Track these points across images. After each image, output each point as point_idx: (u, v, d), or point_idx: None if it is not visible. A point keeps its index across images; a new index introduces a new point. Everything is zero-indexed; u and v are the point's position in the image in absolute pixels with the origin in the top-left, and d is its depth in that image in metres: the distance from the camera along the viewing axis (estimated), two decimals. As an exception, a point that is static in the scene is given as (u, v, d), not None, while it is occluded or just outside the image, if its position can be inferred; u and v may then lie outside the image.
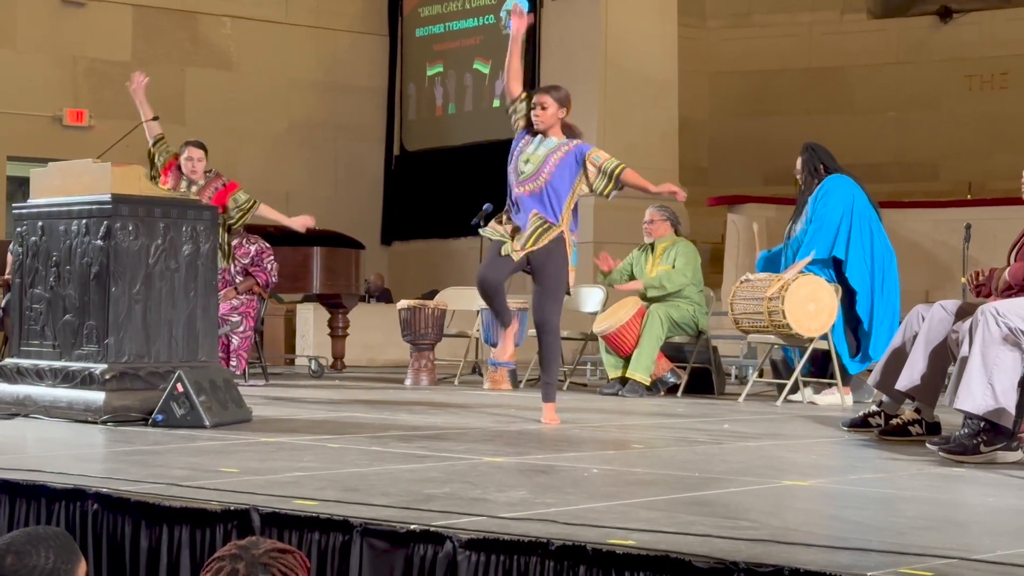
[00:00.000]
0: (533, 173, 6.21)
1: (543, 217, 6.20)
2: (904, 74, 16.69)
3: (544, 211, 6.21)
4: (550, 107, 6.24)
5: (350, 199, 16.17)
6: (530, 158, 6.25)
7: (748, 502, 3.80)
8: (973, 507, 3.97)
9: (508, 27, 6.59)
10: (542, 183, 6.19)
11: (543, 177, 6.19)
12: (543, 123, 6.24)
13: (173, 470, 4.34)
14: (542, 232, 6.18)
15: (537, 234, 6.18)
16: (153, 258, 6.11)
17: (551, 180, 6.18)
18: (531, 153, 6.27)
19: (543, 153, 6.23)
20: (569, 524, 3.32)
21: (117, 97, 14.80)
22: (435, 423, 6.30)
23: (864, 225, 8.22)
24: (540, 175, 6.20)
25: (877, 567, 2.80)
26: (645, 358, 8.51)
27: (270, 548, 2.33)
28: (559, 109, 6.26)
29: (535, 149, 6.27)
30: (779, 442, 5.74)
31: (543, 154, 6.23)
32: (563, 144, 6.27)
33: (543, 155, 6.23)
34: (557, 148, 6.25)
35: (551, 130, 6.28)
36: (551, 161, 6.20)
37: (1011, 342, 4.83)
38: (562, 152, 6.23)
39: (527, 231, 6.19)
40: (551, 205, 6.20)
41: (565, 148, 6.25)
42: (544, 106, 6.24)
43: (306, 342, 12.38)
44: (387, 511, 3.52)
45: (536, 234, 6.18)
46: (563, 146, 6.26)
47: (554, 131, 6.29)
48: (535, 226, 6.19)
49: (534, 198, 6.21)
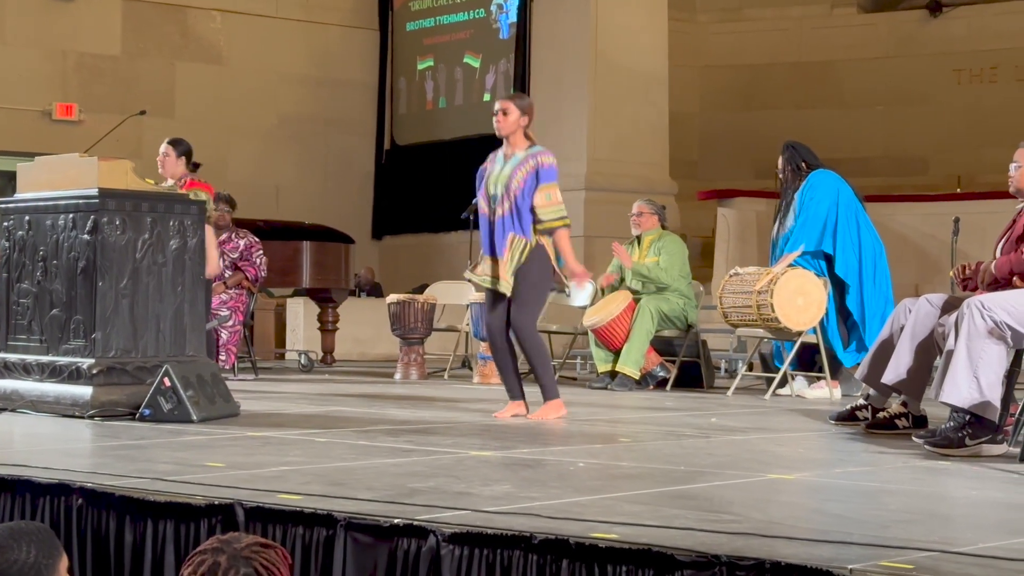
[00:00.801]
0: (503, 193, 6.22)
1: (518, 236, 6.20)
2: (894, 68, 16.71)
3: (517, 229, 6.20)
4: (511, 113, 6.26)
5: (340, 193, 16.16)
6: (497, 179, 6.26)
7: (732, 495, 3.81)
8: (956, 500, 3.98)
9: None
10: (512, 201, 6.20)
11: (512, 194, 6.20)
12: (503, 129, 6.26)
13: (159, 464, 4.33)
14: (521, 252, 6.19)
15: (519, 257, 6.19)
16: (140, 252, 6.10)
17: (518, 198, 6.19)
18: (497, 174, 6.28)
19: (508, 171, 6.24)
20: (553, 518, 3.32)
21: (107, 91, 14.81)
22: (423, 417, 6.31)
23: (851, 218, 8.24)
24: (509, 194, 6.20)
25: (858, 560, 2.80)
26: (635, 352, 8.52)
27: (252, 543, 2.33)
28: (520, 116, 6.27)
29: (500, 169, 6.28)
30: (766, 436, 5.75)
31: (508, 172, 6.24)
32: (528, 158, 6.24)
33: (508, 173, 6.24)
34: (522, 163, 6.24)
35: (513, 137, 6.28)
36: (516, 177, 6.21)
37: (996, 336, 4.85)
38: (526, 169, 6.22)
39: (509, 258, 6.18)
40: (520, 221, 6.20)
41: (529, 164, 6.23)
42: (506, 112, 6.27)
43: (296, 336, 12.37)
44: (371, 505, 3.52)
45: (518, 257, 6.18)
46: (527, 161, 6.24)
47: (516, 139, 6.28)
48: (518, 251, 6.18)
49: (508, 219, 6.20)
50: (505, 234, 6.22)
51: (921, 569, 2.73)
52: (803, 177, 8.37)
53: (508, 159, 6.29)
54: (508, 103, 6.31)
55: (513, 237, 6.21)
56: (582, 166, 13.86)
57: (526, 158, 6.24)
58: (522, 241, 6.21)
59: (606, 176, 13.97)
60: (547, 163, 6.24)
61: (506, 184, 6.21)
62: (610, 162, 14.09)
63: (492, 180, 6.29)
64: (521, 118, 6.26)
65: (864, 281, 8.19)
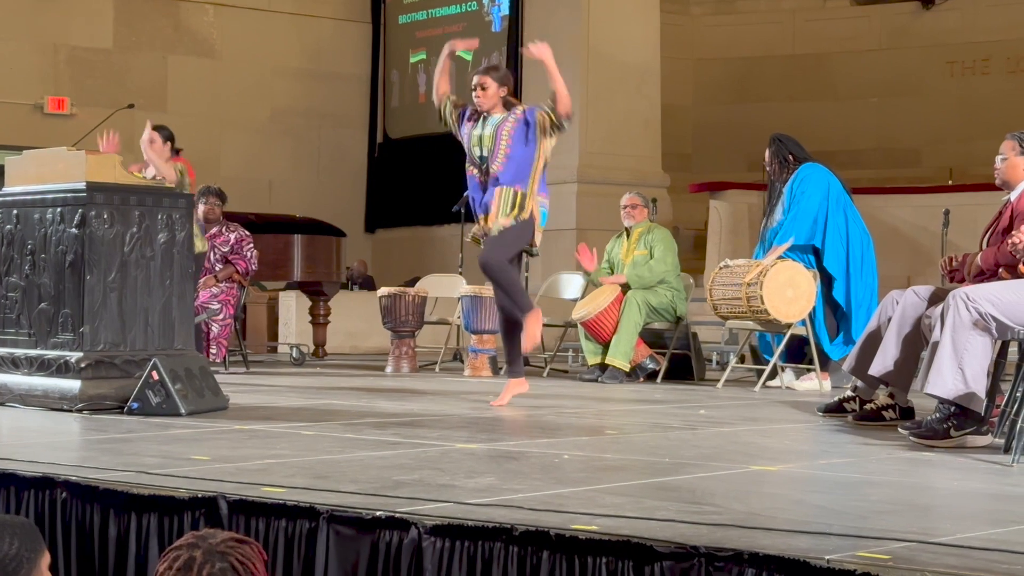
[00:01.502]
0: (490, 152, 6.25)
1: (511, 187, 6.23)
2: (886, 60, 16.71)
3: (512, 181, 6.23)
4: (490, 87, 6.30)
5: (333, 187, 16.15)
6: (481, 138, 6.30)
7: (715, 487, 3.82)
8: (938, 491, 4.00)
9: None
10: (503, 159, 6.22)
11: (501, 152, 6.24)
12: (485, 104, 6.29)
13: (144, 458, 4.34)
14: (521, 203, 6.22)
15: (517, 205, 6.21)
16: (128, 246, 6.10)
17: (510, 152, 6.23)
18: (479, 134, 6.32)
19: (491, 131, 6.29)
20: (534, 510, 3.34)
21: (99, 85, 14.79)
22: (411, 410, 6.31)
23: (839, 212, 8.24)
24: (497, 153, 6.24)
25: (836, 551, 2.81)
26: (624, 344, 8.53)
27: (227, 538, 2.33)
28: (499, 88, 6.31)
29: (482, 129, 6.32)
30: (753, 427, 5.76)
31: (491, 132, 6.28)
32: (510, 114, 6.30)
33: (491, 132, 6.28)
34: (504, 120, 6.29)
35: (494, 109, 6.32)
36: (503, 134, 6.26)
37: (981, 327, 4.86)
38: (511, 121, 6.28)
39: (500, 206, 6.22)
40: (517, 173, 6.23)
41: (513, 117, 6.29)
42: (484, 86, 6.30)
43: (289, 330, 12.37)
44: (354, 498, 3.53)
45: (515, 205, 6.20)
46: (510, 116, 6.30)
47: (496, 109, 6.33)
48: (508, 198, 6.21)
49: (499, 177, 6.24)
50: (492, 188, 6.28)
51: (898, 559, 2.74)
52: (791, 170, 8.37)
53: (488, 120, 6.31)
54: (485, 77, 6.33)
55: (500, 191, 6.26)
56: (574, 159, 13.86)
57: (506, 116, 6.30)
58: (511, 191, 6.24)
59: (598, 169, 13.98)
60: (529, 106, 6.35)
61: (492, 144, 6.24)
62: (602, 155, 14.09)
63: (475, 142, 6.31)
64: (500, 89, 6.32)
65: (852, 274, 8.20)
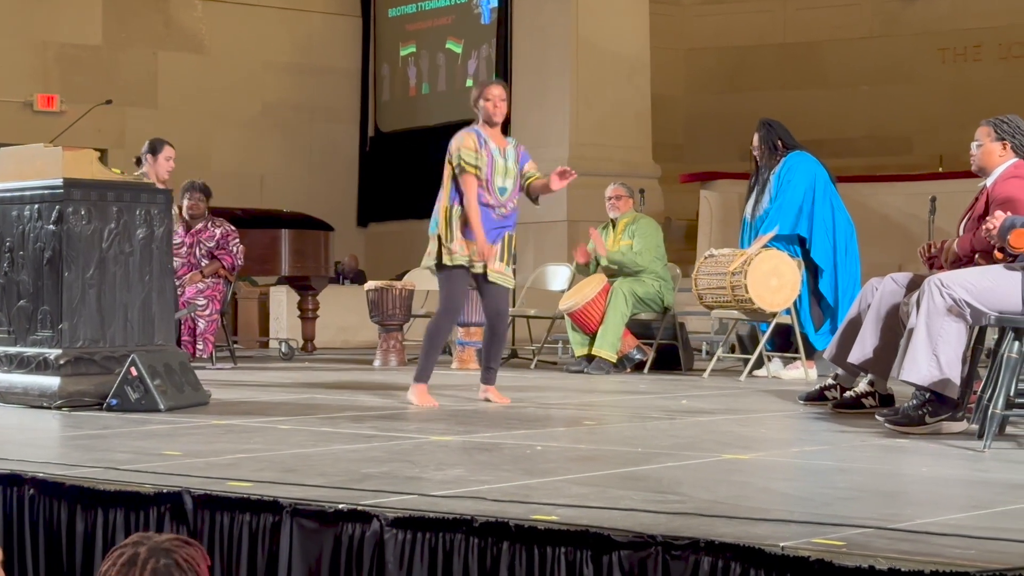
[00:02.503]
0: (512, 189, 6.20)
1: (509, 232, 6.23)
2: (878, 48, 16.68)
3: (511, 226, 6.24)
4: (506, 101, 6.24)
5: (325, 181, 16.15)
6: (505, 173, 6.18)
7: (682, 476, 3.82)
8: (907, 477, 3.99)
9: None
10: (513, 198, 6.22)
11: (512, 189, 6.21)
12: (500, 116, 6.20)
13: (116, 454, 4.34)
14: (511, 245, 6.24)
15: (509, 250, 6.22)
16: (107, 242, 6.09)
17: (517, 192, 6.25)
18: (504, 168, 6.19)
19: (513, 167, 6.21)
20: (497, 501, 3.33)
21: (88, 81, 14.78)
22: (392, 404, 6.31)
23: (825, 201, 8.23)
24: (515, 193, 6.22)
25: (792, 537, 2.81)
26: (610, 335, 8.52)
27: (172, 538, 2.33)
28: None
29: (504, 163, 6.19)
30: (733, 416, 5.75)
31: (513, 168, 6.21)
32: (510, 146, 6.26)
33: (514, 169, 6.21)
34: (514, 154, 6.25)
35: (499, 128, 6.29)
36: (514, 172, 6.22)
37: (955, 313, 4.85)
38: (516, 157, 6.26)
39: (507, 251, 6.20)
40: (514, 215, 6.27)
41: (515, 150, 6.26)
42: (504, 99, 6.22)
43: (280, 325, 12.37)
44: (319, 491, 3.53)
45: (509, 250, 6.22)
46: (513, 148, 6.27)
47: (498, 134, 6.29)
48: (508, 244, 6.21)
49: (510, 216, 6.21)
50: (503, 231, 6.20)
51: (852, 546, 2.74)
52: (779, 157, 8.35)
53: (503, 152, 6.22)
54: (504, 91, 6.27)
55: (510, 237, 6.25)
56: (564, 151, 13.84)
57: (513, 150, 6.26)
58: (510, 236, 6.26)
59: (589, 160, 13.95)
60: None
61: (514, 180, 6.21)
62: (593, 146, 14.08)
63: (499, 173, 6.17)
64: None
65: (838, 264, 8.19)
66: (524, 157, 6.29)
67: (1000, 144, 5.46)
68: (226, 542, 3.46)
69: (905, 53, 16.46)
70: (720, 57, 17.30)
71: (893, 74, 16.53)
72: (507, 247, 6.21)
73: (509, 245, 6.23)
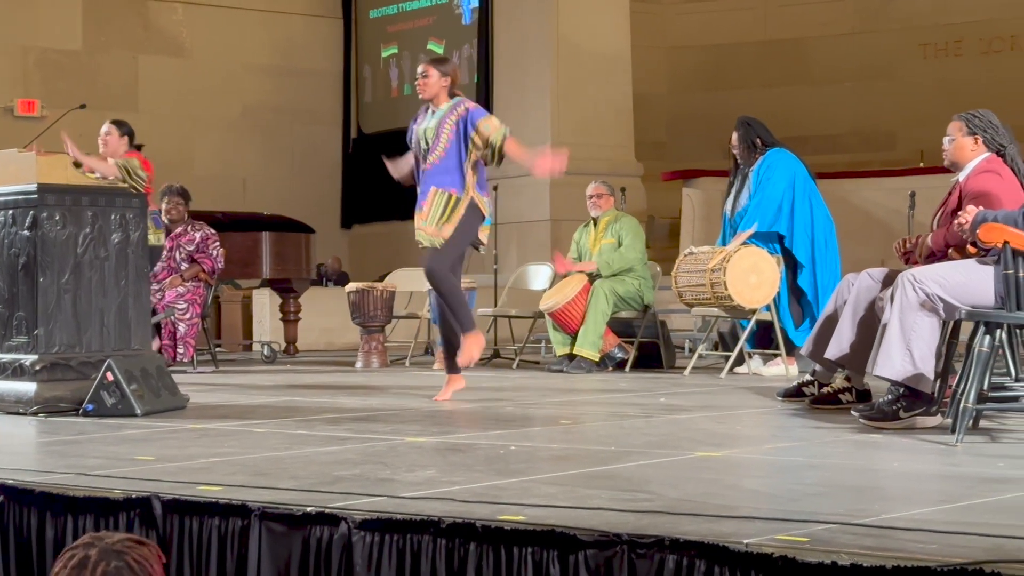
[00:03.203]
0: (432, 145, 6.36)
1: (445, 191, 6.28)
2: (860, 44, 16.70)
3: (448, 182, 6.30)
4: (432, 75, 6.40)
5: (308, 183, 16.12)
6: (425, 131, 6.41)
7: (652, 474, 3.82)
8: (877, 472, 3.99)
9: None
10: (441, 153, 6.32)
11: (440, 146, 6.33)
12: (425, 92, 6.40)
13: (88, 460, 4.32)
14: (452, 208, 6.26)
15: (448, 211, 6.25)
16: (82, 247, 6.08)
17: (448, 148, 6.31)
18: (425, 127, 6.43)
19: (434, 124, 6.39)
20: (466, 502, 3.33)
21: (69, 87, 14.73)
22: (371, 405, 6.30)
23: (805, 198, 8.24)
24: (437, 146, 6.34)
25: (757, 534, 2.81)
26: (592, 334, 8.52)
27: (124, 538, 2.31)
28: (441, 78, 6.40)
29: (427, 122, 6.43)
30: (710, 414, 5.76)
31: (435, 124, 6.38)
32: (453, 109, 6.37)
33: (435, 125, 6.38)
34: (447, 114, 6.37)
35: (437, 99, 6.41)
36: (444, 129, 6.35)
37: (929, 308, 4.85)
38: (453, 118, 6.36)
39: (431, 211, 6.27)
40: (453, 172, 6.30)
41: (455, 115, 6.37)
42: (426, 75, 6.42)
43: (263, 328, 12.33)
44: (289, 494, 3.52)
45: (447, 212, 6.25)
46: (453, 111, 6.37)
47: (441, 100, 6.42)
48: (441, 204, 6.26)
49: (437, 170, 6.34)
50: (429, 184, 6.34)
51: (816, 542, 2.74)
52: (759, 155, 8.36)
53: (434, 113, 6.42)
54: (428, 67, 6.47)
55: (435, 191, 6.32)
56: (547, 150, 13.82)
57: (451, 109, 6.37)
58: (445, 195, 6.29)
59: (571, 160, 13.68)
60: (472, 106, 6.44)
61: (435, 134, 6.34)
62: (575, 145, 13.95)
63: (421, 133, 6.43)
64: (442, 79, 6.41)
65: (817, 260, 8.19)
66: (474, 114, 6.36)
67: (972, 139, 5.46)
68: (195, 547, 3.45)
69: (887, 49, 16.48)
70: (702, 55, 17.31)
71: (875, 70, 16.56)
72: (439, 205, 6.28)
73: (444, 204, 6.29)
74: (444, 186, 6.31)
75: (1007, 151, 5.48)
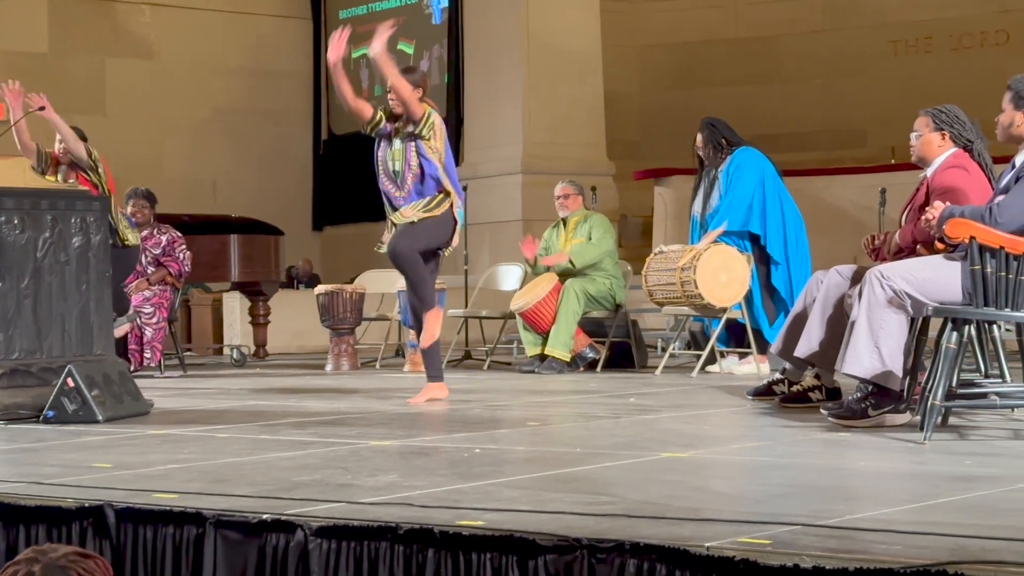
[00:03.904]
0: (403, 169, 6.28)
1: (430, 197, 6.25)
2: (830, 41, 16.71)
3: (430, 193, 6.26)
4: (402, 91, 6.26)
5: (279, 185, 16.03)
6: (394, 155, 6.31)
7: (617, 476, 3.76)
8: (844, 472, 3.95)
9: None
10: (416, 173, 6.23)
11: (412, 169, 6.24)
12: (399, 107, 6.27)
13: (45, 468, 4.24)
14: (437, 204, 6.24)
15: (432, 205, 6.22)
16: (41, 251, 5.98)
17: (422, 167, 6.24)
18: (393, 150, 6.32)
19: (399, 146, 6.30)
20: (425, 507, 3.27)
21: (35, 90, 14.55)
22: (338, 408, 6.22)
23: (775, 196, 8.22)
24: (409, 170, 6.26)
25: (718, 537, 2.76)
26: (563, 334, 8.46)
27: (69, 552, 2.24)
28: (414, 90, 6.27)
29: (393, 145, 6.32)
30: (678, 414, 5.71)
31: (400, 147, 6.29)
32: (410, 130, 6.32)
33: (401, 148, 6.29)
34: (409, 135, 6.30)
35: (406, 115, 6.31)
36: (410, 150, 6.25)
37: (896, 305, 4.82)
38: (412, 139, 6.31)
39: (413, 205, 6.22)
40: (433, 183, 6.25)
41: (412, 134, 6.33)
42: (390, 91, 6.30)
43: (233, 331, 12.24)
44: (245, 501, 3.45)
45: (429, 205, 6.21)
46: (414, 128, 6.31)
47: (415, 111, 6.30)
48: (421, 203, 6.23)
49: (416, 189, 6.28)
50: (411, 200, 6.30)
51: (778, 544, 2.69)
52: (725, 155, 8.33)
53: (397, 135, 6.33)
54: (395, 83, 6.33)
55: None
56: (518, 149, 13.79)
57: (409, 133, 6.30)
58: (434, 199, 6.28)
59: (543, 159, 13.90)
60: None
61: (403, 161, 6.27)
62: (546, 144, 14.02)
63: (390, 157, 6.34)
64: (415, 91, 6.29)
65: (789, 257, 8.17)
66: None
67: (939, 134, 5.44)
68: (149, 556, 3.38)
69: (857, 46, 16.49)
70: (673, 53, 17.29)
71: (846, 67, 16.57)
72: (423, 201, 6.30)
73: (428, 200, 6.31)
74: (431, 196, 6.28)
75: (974, 146, 5.46)
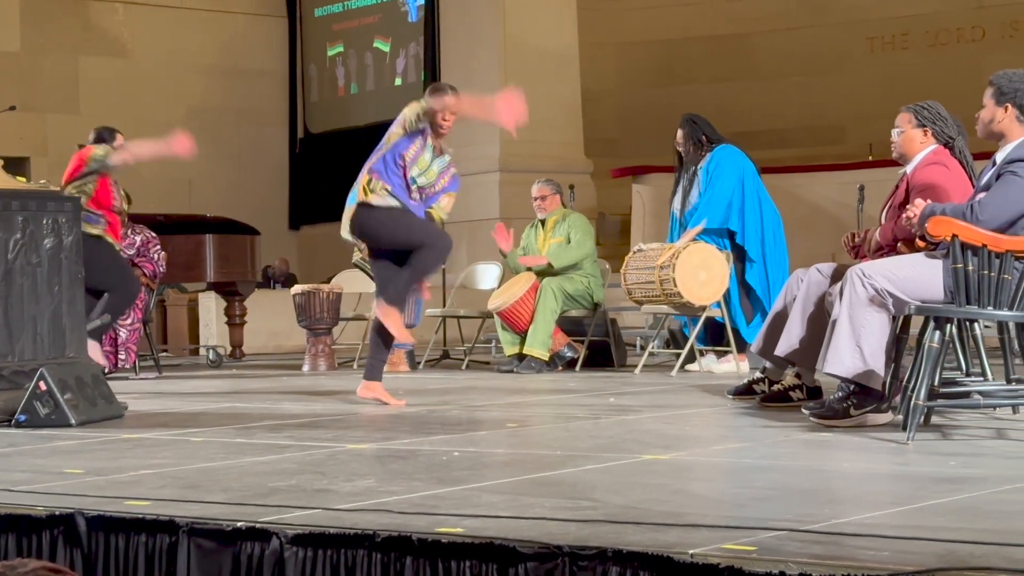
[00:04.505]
0: (426, 185, 6.18)
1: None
2: (808, 38, 16.71)
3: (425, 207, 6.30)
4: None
5: (254, 184, 15.93)
6: (425, 171, 6.14)
7: (597, 480, 3.70)
8: (827, 473, 3.90)
9: None
10: (430, 194, 6.21)
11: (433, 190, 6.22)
12: (448, 132, 6.14)
13: (14, 474, 4.16)
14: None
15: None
16: (12, 253, 5.89)
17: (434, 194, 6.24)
18: (427, 165, 6.14)
19: (437, 169, 6.19)
20: (403, 513, 3.21)
21: (7, 89, 14.46)
22: (314, 410, 6.15)
23: (754, 194, 8.19)
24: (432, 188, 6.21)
25: (702, 543, 2.71)
26: (541, 333, 8.41)
27: (39, 567, 2.17)
28: None
29: (431, 163, 6.16)
30: (658, 414, 5.65)
31: (437, 170, 6.20)
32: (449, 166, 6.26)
33: (437, 171, 6.20)
34: (446, 169, 6.24)
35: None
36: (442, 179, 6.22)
37: (878, 303, 4.78)
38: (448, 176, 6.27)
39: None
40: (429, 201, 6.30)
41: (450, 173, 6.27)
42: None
43: (209, 331, 12.15)
44: (219, 508, 3.38)
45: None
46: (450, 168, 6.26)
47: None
48: None
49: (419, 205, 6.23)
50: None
51: (763, 550, 2.64)
52: (705, 152, 8.29)
53: (437, 157, 6.19)
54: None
55: None
56: (495, 148, 13.72)
57: (448, 165, 6.24)
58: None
59: (520, 157, 13.84)
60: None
61: (432, 180, 6.18)
62: (523, 143, 13.90)
63: (419, 166, 6.11)
64: None
65: (767, 255, 8.14)
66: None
67: (921, 131, 5.40)
68: (121, 565, 3.30)
69: (834, 43, 16.49)
70: (650, 50, 17.25)
71: (823, 64, 16.57)
72: None
73: None
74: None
75: (955, 143, 5.42)
